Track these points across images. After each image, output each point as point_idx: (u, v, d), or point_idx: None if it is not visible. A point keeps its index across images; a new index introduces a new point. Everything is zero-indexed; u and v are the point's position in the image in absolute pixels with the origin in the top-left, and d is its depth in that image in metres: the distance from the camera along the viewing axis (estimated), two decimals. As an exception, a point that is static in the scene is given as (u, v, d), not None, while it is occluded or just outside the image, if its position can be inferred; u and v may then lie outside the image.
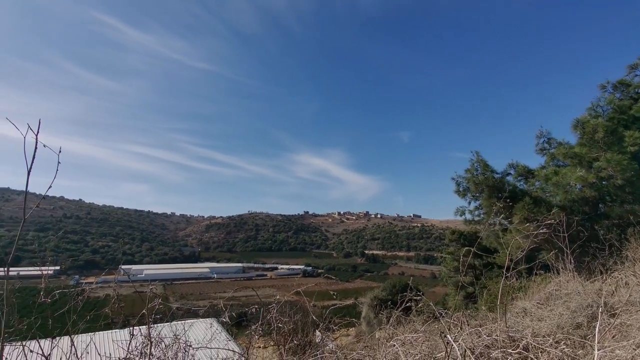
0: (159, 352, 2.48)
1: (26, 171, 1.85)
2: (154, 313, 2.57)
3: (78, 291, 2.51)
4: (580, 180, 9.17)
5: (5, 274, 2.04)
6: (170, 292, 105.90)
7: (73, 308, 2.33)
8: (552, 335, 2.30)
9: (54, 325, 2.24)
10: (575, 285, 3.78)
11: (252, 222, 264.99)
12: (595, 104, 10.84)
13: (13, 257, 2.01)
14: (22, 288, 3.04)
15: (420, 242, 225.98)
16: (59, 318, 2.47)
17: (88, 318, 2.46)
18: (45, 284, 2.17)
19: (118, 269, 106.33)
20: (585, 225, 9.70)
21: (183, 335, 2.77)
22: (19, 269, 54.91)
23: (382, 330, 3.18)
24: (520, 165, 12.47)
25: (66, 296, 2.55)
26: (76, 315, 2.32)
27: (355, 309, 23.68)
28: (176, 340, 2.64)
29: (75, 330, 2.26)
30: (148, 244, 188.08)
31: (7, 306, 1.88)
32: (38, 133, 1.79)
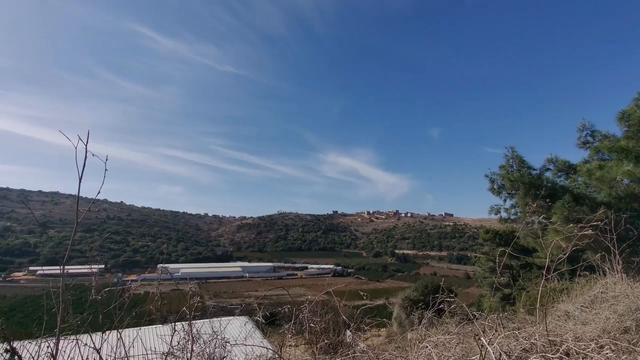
0: (198, 347, 2.61)
1: (77, 178, 2.01)
2: (193, 310, 2.70)
3: (123, 289, 2.69)
4: (627, 175, 8.55)
5: (61, 272, 2.23)
6: (204, 290, 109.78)
7: (120, 304, 2.51)
8: (596, 340, 2.17)
9: (103, 320, 2.42)
10: (623, 287, 3.54)
11: (282, 222, 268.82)
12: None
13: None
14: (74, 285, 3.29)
15: (452, 242, 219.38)
16: (107, 314, 2.67)
17: (134, 314, 2.64)
18: (96, 282, 2.35)
19: (157, 268, 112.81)
20: (634, 223, 9.03)
21: (221, 332, 2.89)
22: (69, 267, 59.13)
23: (414, 332, 3.14)
24: (560, 160, 11.80)
25: (113, 293, 2.75)
26: (123, 312, 2.50)
27: (386, 309, 23.44)
28: (214, 336, 2.77)
29: (122, 325, 2.43)
30: (183, 244, 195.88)
31: (62, 302, 2.05)
32: (87, 143, 1.94)
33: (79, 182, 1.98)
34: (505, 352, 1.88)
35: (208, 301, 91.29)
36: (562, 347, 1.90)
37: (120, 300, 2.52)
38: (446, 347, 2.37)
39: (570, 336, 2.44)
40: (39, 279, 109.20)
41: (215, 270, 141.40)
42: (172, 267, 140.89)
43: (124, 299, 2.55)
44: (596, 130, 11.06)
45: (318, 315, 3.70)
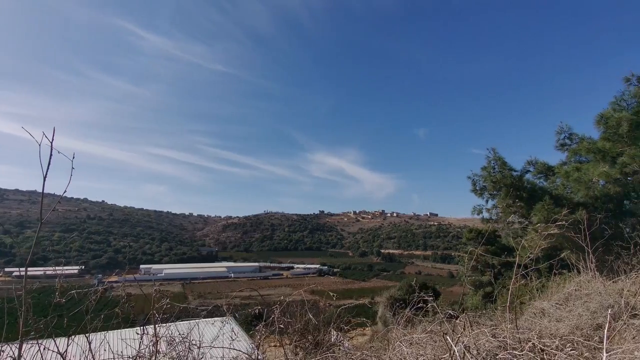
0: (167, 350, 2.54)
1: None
2: (162, 312, 2.63)
3: (93, 291, 2.60)
4: (603, 176, 8.83)
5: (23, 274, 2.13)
6: (189, 291, 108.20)
7: (88, 307, 2.42)
8: (568, 336, 2.22)
9: (70, 324, 2.32)
10: (596, 285, 3.64)
11: (268, 222, 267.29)
12: (619, 97, 10.40)
13: (31, 258, 2.10)
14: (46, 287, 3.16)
15: (437, 241, 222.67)
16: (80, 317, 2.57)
17: (102, 317, 2.55)
18: (61, 284, 2.26)
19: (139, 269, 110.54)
20: (609, 223, 9.34)
21: (192, 334, 2.83)
22: (45, 269, 57.18)
23: (392, 331, 3.15)
24: (539, 162, 12.11)
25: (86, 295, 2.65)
26: (93, 314, 2.41)
27: (372, 308, 23.59)
28: (183, 339, 2.70)
29: (90, 328, 2.34)
30: (167, 244, 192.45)
31: (24, 305, 1.96)
32: (53, 140, 1.86)
33: (43, 181, 1.89)
34: (468, 350, 1.90)
35: (193, 302, 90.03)
36: (527, 344, 1.94)
37: (88, 303, 2.43)
38: (421, 345, 2.39)
39: (535, 334, 2.48)
40: (15, 280, 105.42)
41: (200, 271, 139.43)
42: (155, 268, 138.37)
43: (91, 301, 2.46)
44: (574, 133, 11.40)
45: (297, 314, 3.67)
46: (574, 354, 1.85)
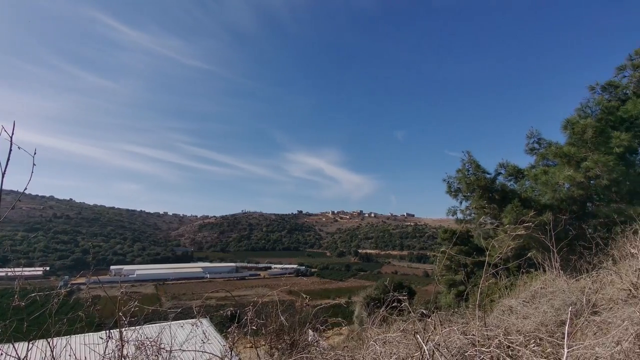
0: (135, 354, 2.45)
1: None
2: (130, 315, 2.53)
3: (55, 293, 2.46)
4: (568, 180, 9.29)
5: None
6: (162, 292, 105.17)
7: (51, 310, 2.29)
8: (533, 332, 2.33)
9: (31, 328, 2.20)
10: (560, 283, 3.83)
11: (246, 222, 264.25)
12: (585, 104, 10.99)
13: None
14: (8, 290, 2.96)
15: (413, 241, 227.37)
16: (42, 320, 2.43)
17: (65, 320, 2.42)
18: (21, 286, 2.13)
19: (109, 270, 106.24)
20: (573, 224, 9.85)
21: (162, 337, 2.74)
22: (6, 270, 53.93)
23: (367, 330, 3.19)
24: (510, 165, 12.59)
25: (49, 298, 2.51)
26: (56, 318, 2.29)
27: (349, 308, 23.77)
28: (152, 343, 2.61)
29: (53, 332, 2.22)
30: (140, 244, 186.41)
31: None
32: (13, 134, 1.75)
33: (2, 175, 1.78)
34: (437, 348, 1.95)
35: (166, 303, 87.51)
36: (494, 341, 2.02)
37: (50, 306, 2.30)
38: (394, 344, 2.43)
39: (512, 329, 2.59)
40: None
41: (175, 271, 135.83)
42: (127, 269, 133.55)
43: (53, 304, 2.34)
44: (542, 138, 11.93)
45: (274, 315, 3.64)
46: (538, 349, 1.94)
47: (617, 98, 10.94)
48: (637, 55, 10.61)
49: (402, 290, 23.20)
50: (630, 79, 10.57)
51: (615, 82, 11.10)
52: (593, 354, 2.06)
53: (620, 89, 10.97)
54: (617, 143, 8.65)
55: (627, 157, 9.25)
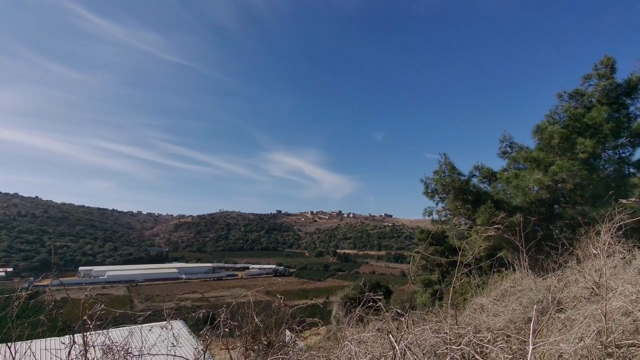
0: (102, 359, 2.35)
1: None
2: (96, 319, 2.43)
3: (15, 296, 2.33)
4: (537, 183, 9.70)
5: None
6: (134, 294, 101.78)
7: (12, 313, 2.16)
8: (502, 329, 2.42)
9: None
10: (528, 282, 4.00)
11: (224, 221, 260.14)
12: (553, 111, 11.50)
13: None
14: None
15: (391, 241, 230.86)
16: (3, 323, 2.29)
17: (27, 324, 2.29)
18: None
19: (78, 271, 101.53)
20: (541, 225, 10.30)
21: (131, 341, 2.64)
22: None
23: (342, 330, 3.21)
24: (484, 168, 13.01)
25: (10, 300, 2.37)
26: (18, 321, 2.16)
27: (326, 307, 23.83)
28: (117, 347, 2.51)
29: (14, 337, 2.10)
30: (111, 244, 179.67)
31: None
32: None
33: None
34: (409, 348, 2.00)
35: (138, 305, 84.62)
36: (464, 339, 2.09)
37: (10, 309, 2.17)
38: (369, 344, 2.46)
39: (483, 327, 2.68)
40: None
41: (148, 272, 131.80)
42: (97, 270, 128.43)
43: (13, 307, 2.20)
44: (514, 142, 12.39)
45: (250, 316, 3.60)
46: (505, 347, 2.02)
47: (583, 105, 11.51)
48: (602, 65, 11.21)
49: (379, 290, 23.58)
50: (596, 87, 11.14)
51: (581, 90, 11.68)
52: (558, 350, 2.16)
53: (586, 97, 11.54)
54: (581, 149, 9.10)
55: (591, 162, 9.75)
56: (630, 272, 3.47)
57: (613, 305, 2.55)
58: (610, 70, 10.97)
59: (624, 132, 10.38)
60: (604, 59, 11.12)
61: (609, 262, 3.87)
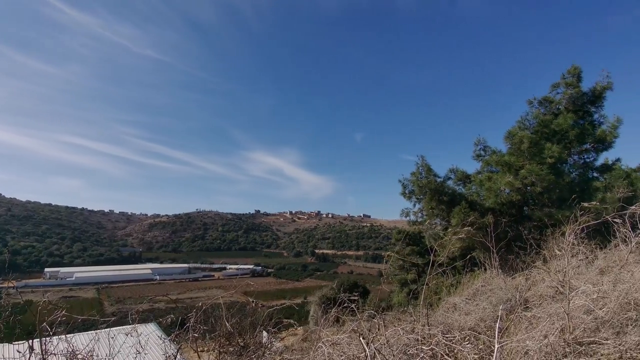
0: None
1: None
2: (58, 323, 2.31)
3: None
4: (508, 186, 10.08)
5: None
6: (104, 297, 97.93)
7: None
8: (472, 328, 2.50)
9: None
10: (498, 281, 4.14)
11: (201, 221, 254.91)
12: (524, 117, 11.99)
13: None
14: None
15: (369, 242, 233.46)
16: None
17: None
18: None
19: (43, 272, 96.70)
20: (512, 226, 10.70)
21: (98, 346, 2.53)
22: None
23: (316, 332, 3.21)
24: (459, 171, 13.39)
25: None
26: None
27: (304, 307, 23.83)
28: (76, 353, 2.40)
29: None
30: (80, 244, 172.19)
31: None
32: None
33: None
34: (379, 351, 2.03)
35: (109, 308, 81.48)
36: (434, 339, 2.15)
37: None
38: (343, 345, 2.48)
39: (455, 326, 2.75)
40: None
41: (120, 273, 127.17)
42: (64, 271, 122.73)
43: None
44: (487, 146, 12.82)
45: (223, 318, 3.53)
46: (471, 347, 2.09)
47: (552, 112, 12.07)
48: (569, 74, 11.78)
49: (356, 290, 23.56)
50: (563, 95, 11.71)
51: (550, 97, 12.24)
52: (524, 347, 2.25)
53: (554, 104, 12.10)
54: (549, 154, 9.53)
55: (557, 167, 10.23)
56: (592, 272, 3.67)
57: (575, 303, 2.69)
58: (577, 79, 11.55)
59: (589, 139, 10.96)
60: (571, 68, 11.70)
61: (572, 262, 4.07)
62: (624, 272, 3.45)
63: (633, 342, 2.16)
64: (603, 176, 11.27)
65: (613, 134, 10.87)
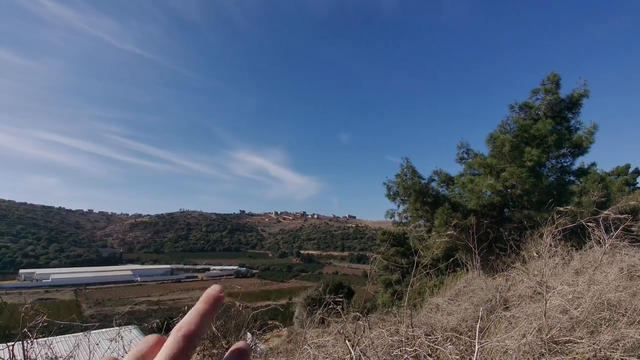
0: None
1: None
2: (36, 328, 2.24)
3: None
4: (490, 188, 10.33)
5: None
6: (83, 299, 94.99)
7: None
8: (454, 328, 2.56)
9: None
10: (479, 282, 4.24)
11: (184, 221, 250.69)
12: (505, 121, 12.34)
13: None
14: None
15: (354, 242, 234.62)
16: None
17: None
18: None
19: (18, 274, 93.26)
20: (493, 227, 10.97)
21: (77, 351, 2.46)
22: None
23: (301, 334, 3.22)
24: (443, 173, 13.65)
25: None
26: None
27: (289, 309, 23.73)
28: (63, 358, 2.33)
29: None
30: (57, 245, 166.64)
31: None
32: None
33: None
34: (364, 353, 2.06)
35: (87, 310, 79.04)
36: (417, 340, 2.19)
37: None
38: (328, 347, 2.50)
39: (437, 326, 2.80)
40: None
41: (99, 275, 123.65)
42: (39, 273, 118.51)
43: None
44: (470, 149, 13.11)
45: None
46: (452, 348, 2.14)
47: (531, 117, 12.45)
48: (548, 81, 12.18)
49: (341, 291, 23.53)
50: (542, 101, 12.10)
51: (530, 103, 12.62)
52: (503, 347, 2.32)
53: (533, 109, 12.49)
54: (528, 158, 9.82)
55: (537, 170, 10.55)
56: (568, 273, 3.80)
57: (552, 303, 2.79)
58: (556, 86, 11.95)
59: (566, 143, 11.36)
60: (550, 75, 12.09)
61: (550, 262, 4.21)
62: (598, 273, 3.59)
63: (606, 341, 2.25)
64: (579, 180, 11.70)
65: (589, 139, 11.30)
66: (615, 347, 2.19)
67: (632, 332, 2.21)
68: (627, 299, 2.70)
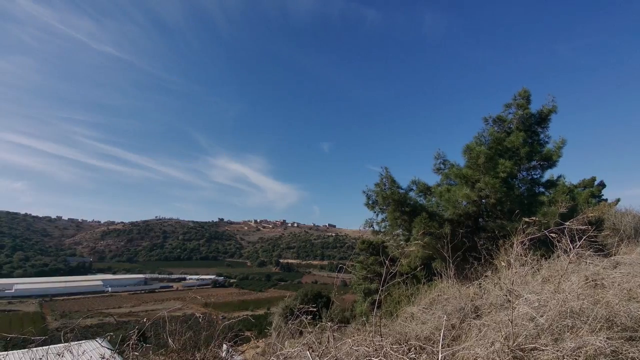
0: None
1: None
2: None
3: None
4: (465, 198, 10.62)
5: None
6: (48, 311, 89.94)
7: None
8: (428, 337, 2.60)
9: None
10: (453, 290, 4.32)
11: (160, 229, 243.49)
12: (480, 133, 12.78)
13: None
14: None
15: (334, 251, 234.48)
16: None
17: None
18: None
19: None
20: (468, 237, 11.25)
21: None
22: None
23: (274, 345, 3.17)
24: (421, 183, 13.92)
25: None
26: None
27: (267, 318, 23.31)
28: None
29: None
30: (22, 253, 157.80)
31: None
32: None
33: None
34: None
35: (53, 323, 74.80)
36: (382, 351, 2.21)
37: None
38: (292, 359, 2.48)
39: (411, 335, 2.83)
40: None
41: (66, 285, 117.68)
42: (2, 283, 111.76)
43: None
44: (447, 160, 13.46)
45: (177, 332, 3.38)
46: (414, 357, 2.17)
47: (504, 130, 12.95)
48: (519, 96, 12.75)
49: (320, 300, 23.35)
50: (514, 115, 12.63)
51: (502, 116, 13.14)
52: (473, 354, 2.36)
53: (506, 122, 13.00)
54: (502, 169, 10.18)
55: (509, 181, 10.94)
56: (536, 281, 3.94)
57: (520, 311, 2.88)
58: (526, 101, 12.52)
59: (536, 156, 11.87)
60: (521, 91, 12.66)
61: (520, 271, 4.35)
62: (564, 281, 3.74)
63: (569, 348, 2.34)
64: (548, 191, 12.21)
65: (558, 153, 11.85)
66: (578, 354, 2.27)
67: (593, 339, 2.31)
68: (590, 307, 2.82)
